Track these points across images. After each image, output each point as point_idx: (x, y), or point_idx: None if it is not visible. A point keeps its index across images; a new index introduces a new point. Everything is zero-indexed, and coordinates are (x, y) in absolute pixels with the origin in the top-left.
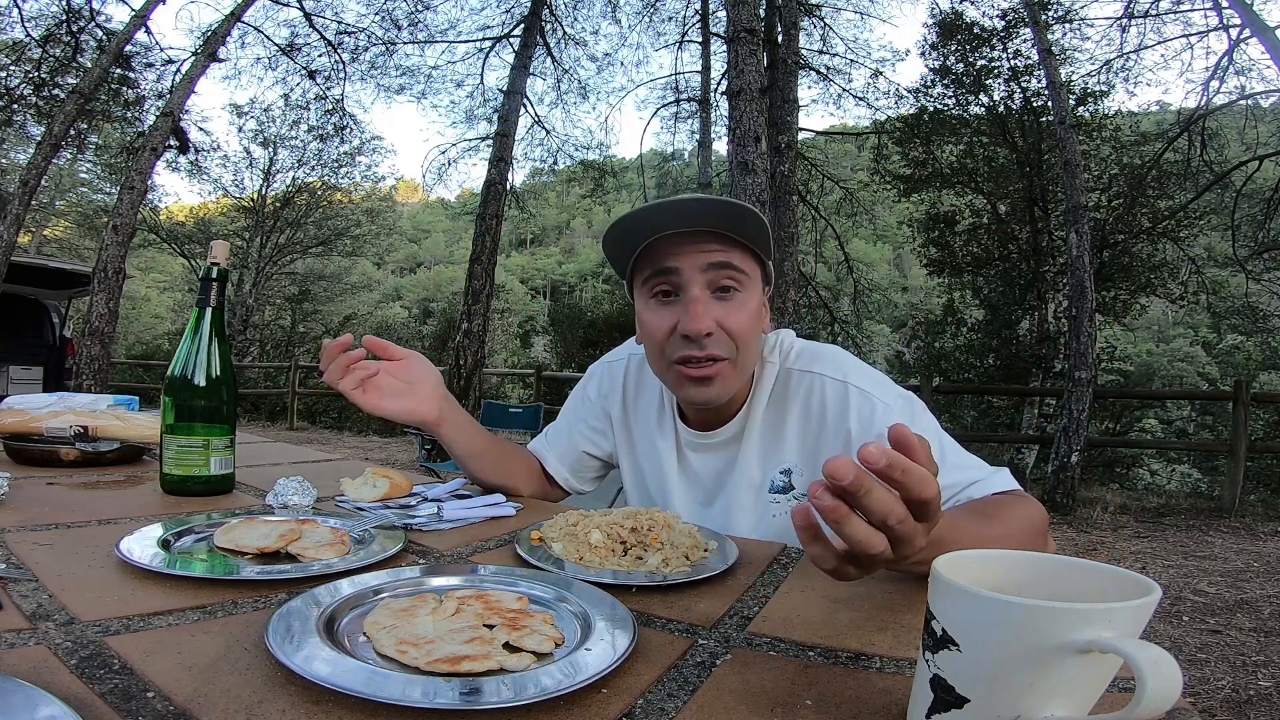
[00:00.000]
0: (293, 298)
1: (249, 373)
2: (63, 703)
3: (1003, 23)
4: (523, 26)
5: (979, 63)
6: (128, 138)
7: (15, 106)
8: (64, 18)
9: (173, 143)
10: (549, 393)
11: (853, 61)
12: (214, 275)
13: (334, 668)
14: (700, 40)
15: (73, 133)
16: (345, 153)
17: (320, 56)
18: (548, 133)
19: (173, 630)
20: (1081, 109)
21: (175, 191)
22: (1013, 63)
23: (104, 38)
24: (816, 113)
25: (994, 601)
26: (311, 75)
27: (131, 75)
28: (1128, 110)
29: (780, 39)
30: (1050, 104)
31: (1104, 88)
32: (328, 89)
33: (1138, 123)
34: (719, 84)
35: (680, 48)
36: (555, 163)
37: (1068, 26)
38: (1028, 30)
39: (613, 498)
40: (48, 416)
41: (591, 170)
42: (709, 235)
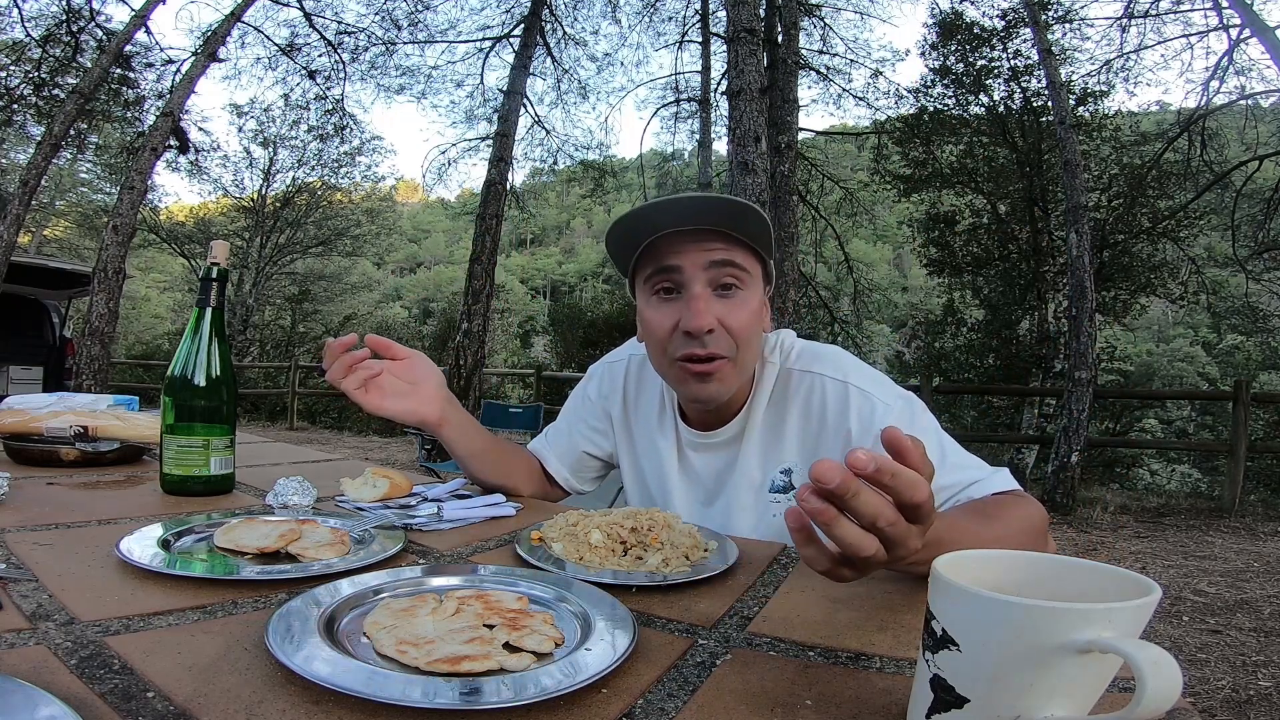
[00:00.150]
0: (293, 298)
1: (249, 373)
2: (63, 703)
3: (1003, 23)
4: (523, 26)
5: (979, 63)
6: (128, 138)
7: (15, 106)
8: (64, 18)
9: (173, 143)
10: (549, 393)
11: (853, 61)
12: (214, 275)
13: (334, 668)
14: (700, 40)
15: (73, 133)
16: (345, 153)
17: (320, 56)
18: (548, 133)
19: (173, 630)
20: (1081, 109)
21: (175, 191)
22: (1013, 63)
23: (104, 38)
24: (816, 113)
25: (994, 601)
26: (311, 75)
27: (131, 75)
28: (1128, 110)
29: (780, 39)
30: (1050, 104)
31: (1104, 88)
32: (328, 89)
33: (1138, 123)
34: (719, 84)
35: (680, 48)
36: (555, 163)
37: (1068, 26)
38: (1028, 30)
39: (613, 498)
40: (48, 416)
41: (591, 170)
42: (711, 233)
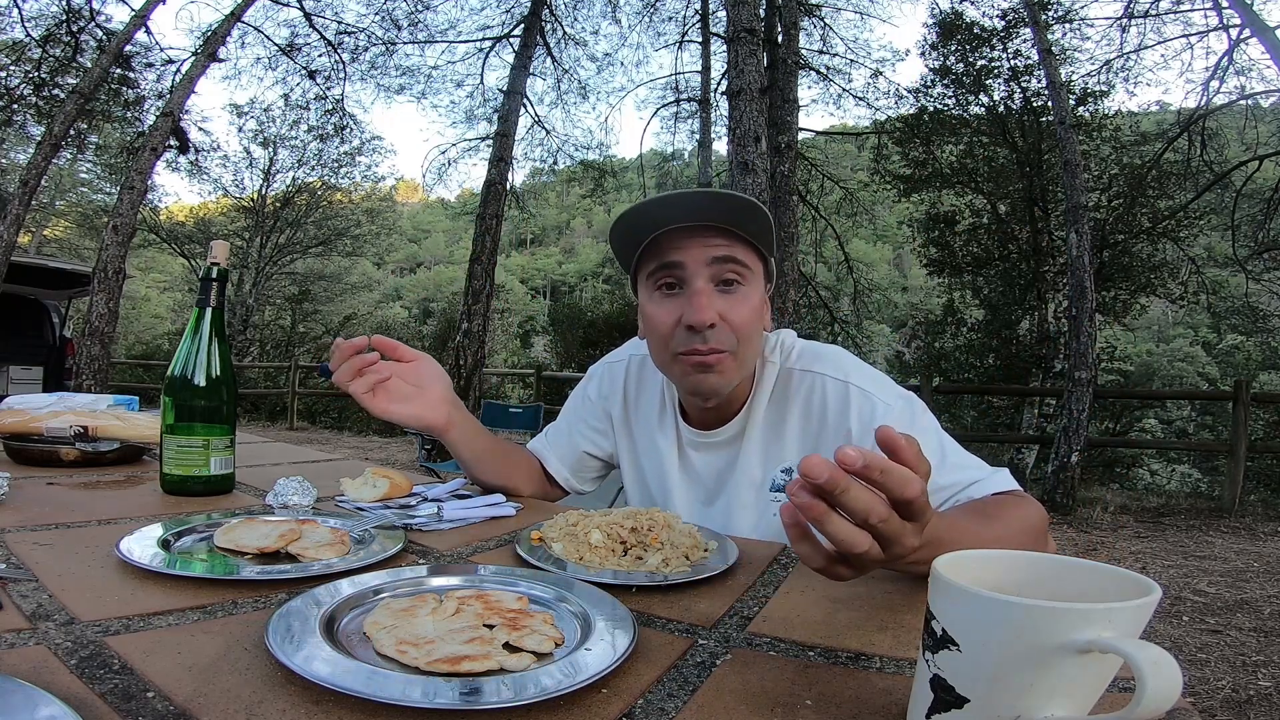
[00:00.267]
0: (293, 298)
1: (249, 373)
2: (63, 703)
3: (1003, 23)
4: (523, 26)
5: (979, 63)
6: (128, 138)
7: (15, 106)
8: (64, 18)
9: (173, 143)
10: (549, 393)
11: (853, 61)
12: (214, 275)
13: (334, 668)
14: (700, 40)
15: (73, 133)
16: (345, 153)
17: (320, 56)
18: (548, 133)
19: (173, 630)
20: (1081, 109)
21: (175, 191)
22: (1013, 63)
23: (104, 38)
24: (816, 113)
25: (994, 601)
26: (311, 75)
27: (131, 75)
28: (1128, 110)
29: (780, 39)
30: (1050, 104)
31: (1104, 88)
32: (328, 89)
33: (1138, 123)
34: (719, 84)
35: (680, 48)
36: (555, 163)
37: (1068, 26)
38: (1028, 30)
39: (613, 498)
40: (48, 416)
41: (591, 170)
42: (713, 230)
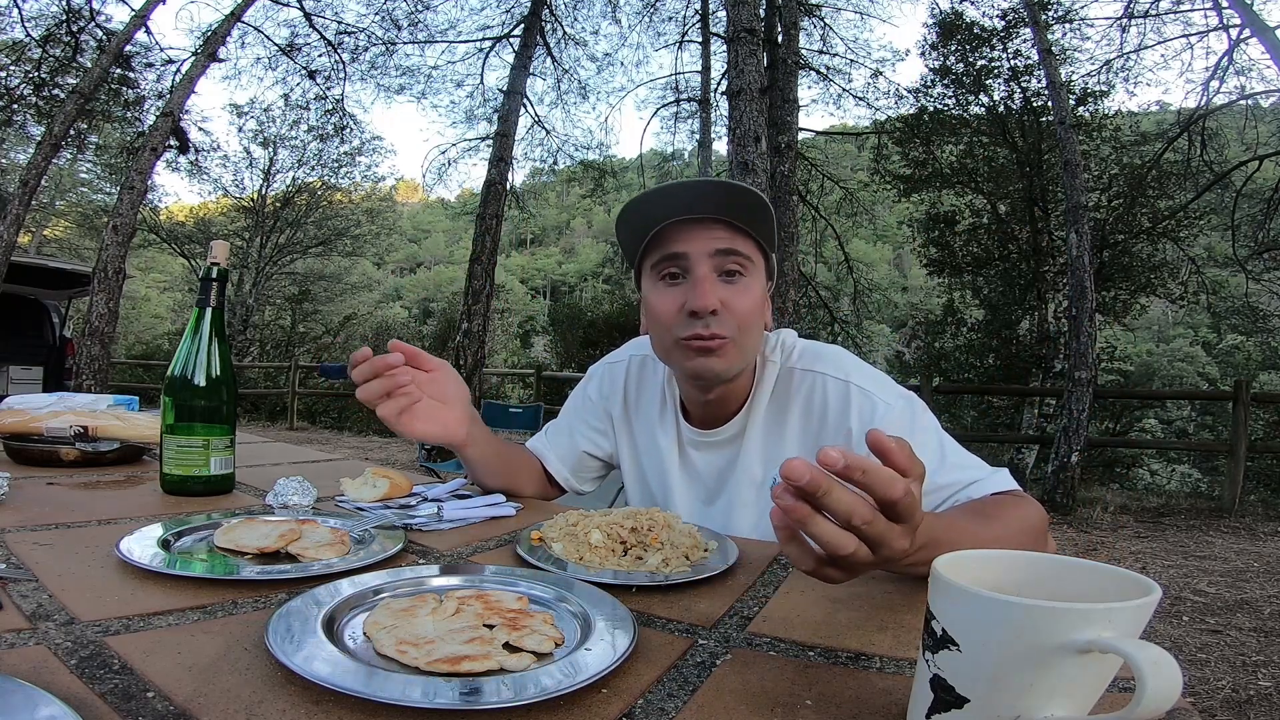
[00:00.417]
0: (293, 298)
1: (249, 373)
2: (63, 703)
3: (1003, 23)
4: (523, 26)
5: (979, 63)
6: (128, 138)
7: (15, 106)
8: (64, 18)
9: (173, 143)
10: (549, 393)
11: (853, 61)
12: (214, 275)
13: (334, 668)
14: (700, 40)
15: (73, 133)
16: (345, 153)
17: (320, 56)
18: (548, 133)
19: (173, 630)
20: (1081, 109)
21: (175, 191)
22: (1013, 63)
23: (104, 38)
24: (816, 113)
25: (994, 601)
26: (311, 75)
27: (131, 75)
28: (1128, 110)
29: (780, 39)
30: (1050, 104)
31: (1104, 88)
32: (328, 89)
33: (1138, 123)
34: (719, 84)
35: (680, 48)
36: (555, 163)
37: (1068, 26)
38: (1028, 30)
39: (613, 498)
40: (48, 416)
41: (591, 170)
42: (717, 223)
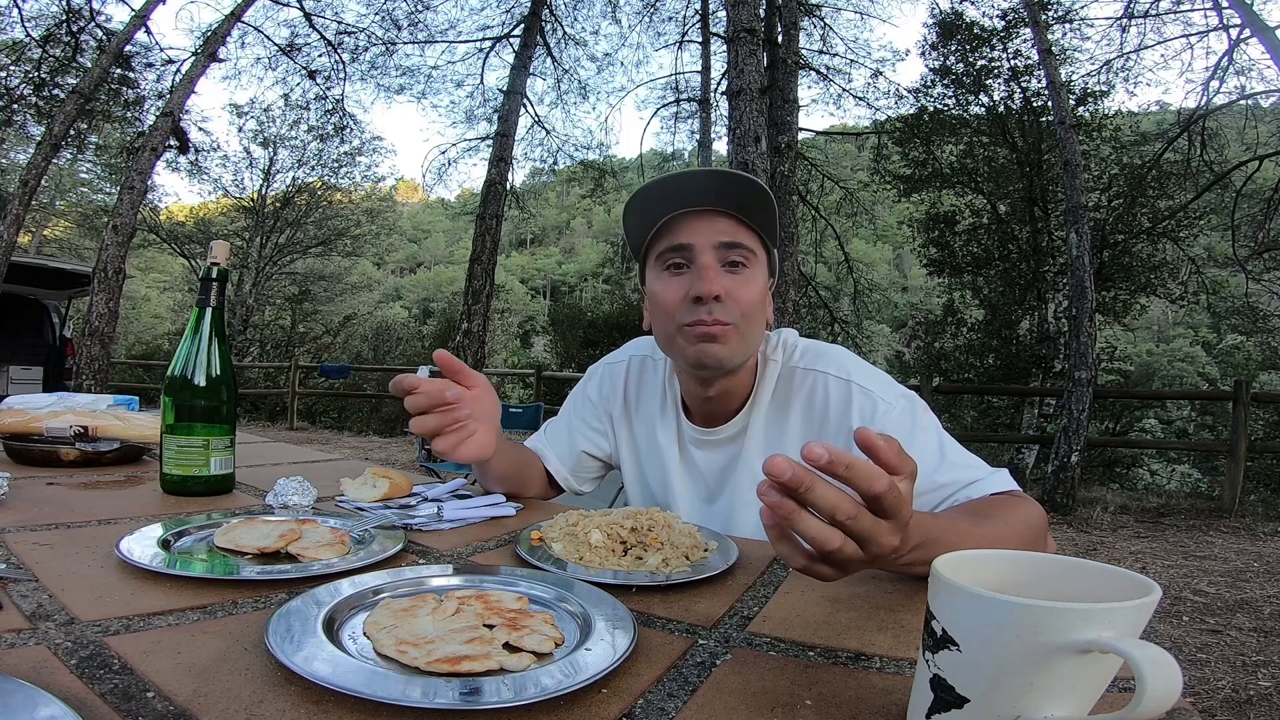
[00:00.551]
0: (293, 298)
1: (249, 373)
2: (63, 703)
3: (1003, 23)
4: (523, 26)
5: (979, 63)
6: (128, 138)
7: (15, 106)
8: (64, 18)
9: (173, 143)
10: (549, 393)
11: (853, 61)
12: (214, 275)
13: (334, 668)
14: (700, 40)
15: (73, 133)
16: (345, 153)
17: (320, 56)
18: (548, 133)
19: (173, 630)
20: (1081, 109)
21: (175, 191)
22: (1013, 63)
23: (104, 38)
24: (816, 113)
25: (994, 601)
26: (311, 75)
27: (131, 75)
28: (1128, 110)
29: (780, 39)
30: (1050, 104)
31: (1104, 88)
32: (328, 89)
33: (1138, 123)
34: (719, 84)
35: (680, 48)
36: (555, 163)
37: (1068, 26)
38: (1028, 30)
39: (613, 498)
40: (48, 416)
41: (591, 170)
42: (721, 215)
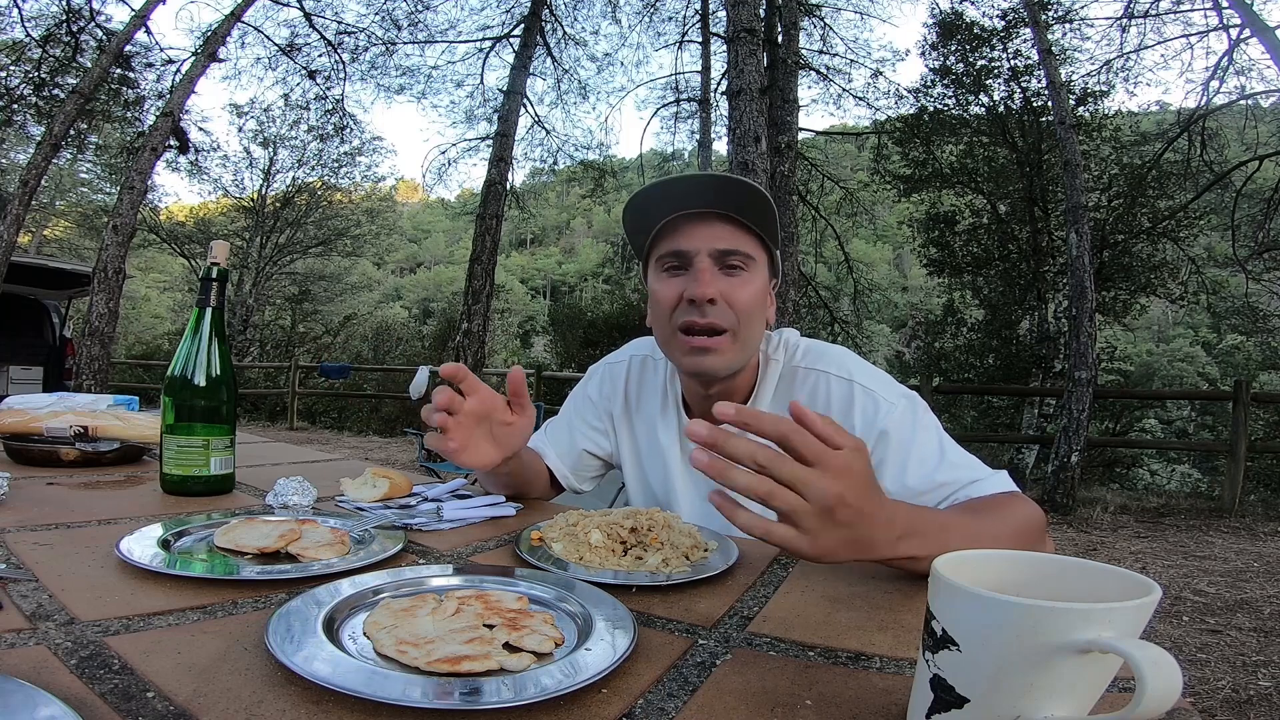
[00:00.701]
0: (293, 298)
1: (249, 373)
2: (63, 703)
3: (1003, 23)
4: (523, 26)
5: (979, 63)
6: (128, 138)
7: (15, 106)
8: (64, 18)
9: (173, 143)
10: (549, 393)
11: (853, 61)
12: (214, 275)
13: (334, 668)
14: (700, 40)
15: (73, 133)
16: (345, 153)
17: (320, 56)
18: (548, 133)
19: (173, 630)
20: (1081, 109)
21: (175, 191)
22: (1013, 63)
23: (104, 38)
24: (816, 113)
25: (994, 601)
26: (311, 75)
27: (131, 75)
28: (1128, 110)
29: (780, 39)
30: (1050, 104)
31: (1104, 88)
32: (328, 89)
33: (1138, 123)
34: (719, 84)
35: (680, 48)
36: (555, 163)
37: (1068, 26)
38: (1028, 30)
39: (613, 498)
40: (48, 416)
41: (591, 170)
42: (720, 219)
